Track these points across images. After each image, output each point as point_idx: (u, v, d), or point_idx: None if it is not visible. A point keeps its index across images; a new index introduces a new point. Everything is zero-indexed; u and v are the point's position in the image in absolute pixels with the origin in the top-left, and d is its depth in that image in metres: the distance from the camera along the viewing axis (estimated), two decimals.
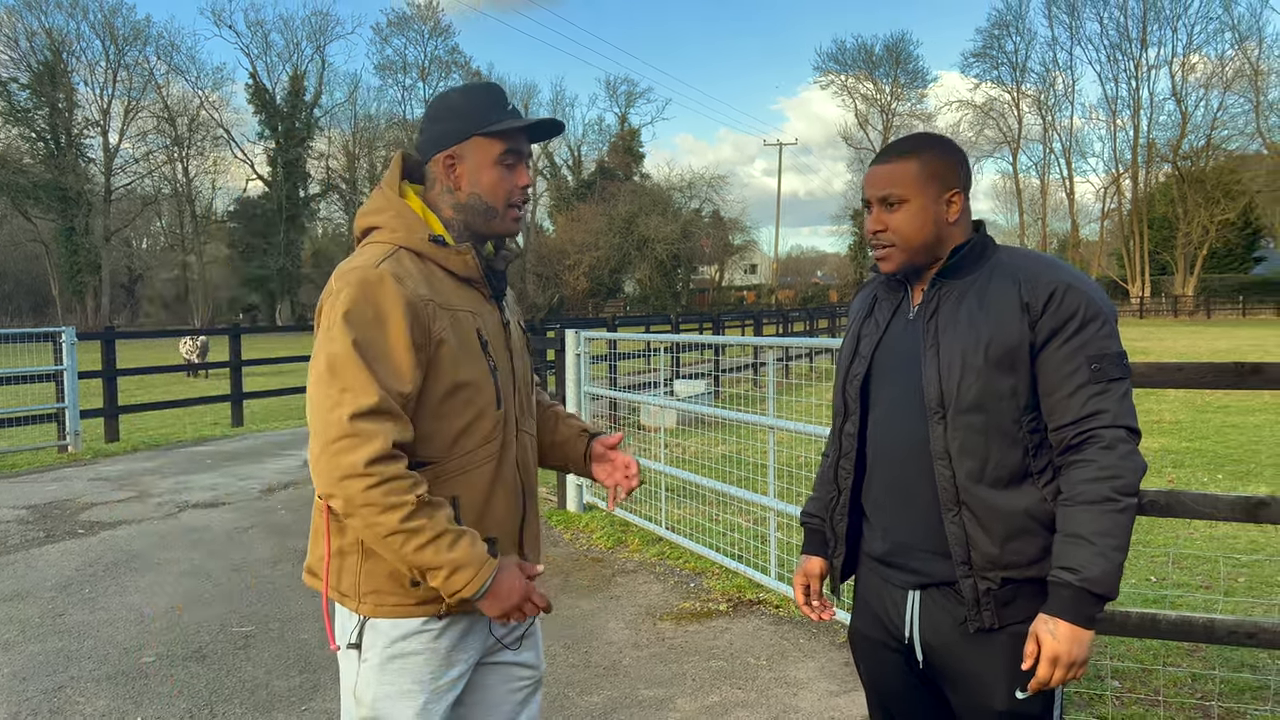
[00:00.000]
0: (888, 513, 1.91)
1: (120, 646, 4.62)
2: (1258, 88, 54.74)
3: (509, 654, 1.98)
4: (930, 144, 1.91)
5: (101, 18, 52.76)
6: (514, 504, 1.90)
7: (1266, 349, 23.67)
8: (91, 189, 52.35)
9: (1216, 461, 9.14)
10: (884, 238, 1.89)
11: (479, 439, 1.82)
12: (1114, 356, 1.76)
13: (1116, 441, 1.73)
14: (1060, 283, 1.77)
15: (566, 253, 58.93)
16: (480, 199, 1.87)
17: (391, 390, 1.69)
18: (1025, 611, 1.80)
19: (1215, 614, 3.76)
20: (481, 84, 1.93)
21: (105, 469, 9.70)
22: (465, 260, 1.84)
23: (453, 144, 1.86)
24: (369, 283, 1.71)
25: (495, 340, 1.88)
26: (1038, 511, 1.78)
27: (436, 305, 1.76)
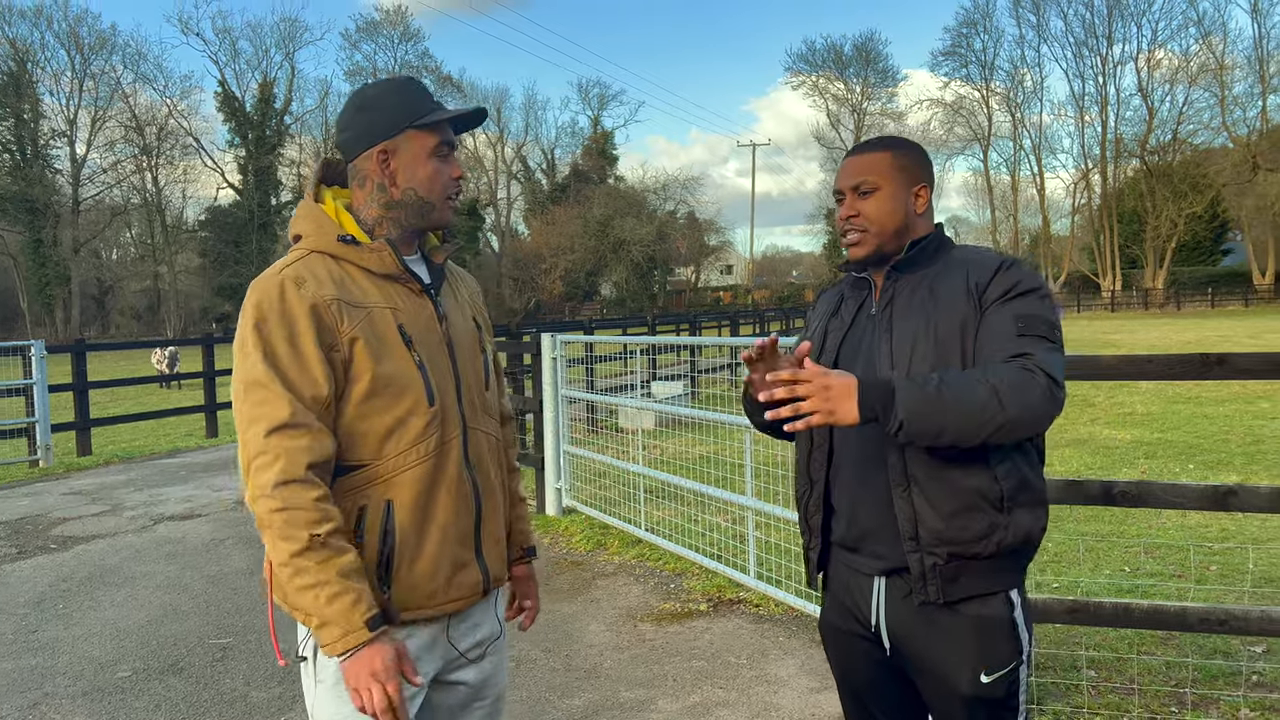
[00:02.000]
0: (852, 500, 1.95)
1: (96, 662, 4.58)
2: (1222, 82, 55.53)
3: (469, 671, 1.92)
4: (900, 142, 2.02)
5: (66, 27, 52.23)
6: (463, 505, 1.83)
7: (1235, 340, 24.00)
8: (59, 200, 51.74)
9: (1188, 452, 9.26)
10: (856, 223, 1.96)
11: (411, 438, 1.76)
12: (1043, 319, 1.79)
13: (1031, 372, 1.72)
14: (1006, 260, 1.87)
15: (542, 256, 58.87)
16: (416, 193, 1.82)
17: (306, 398, 1.66)
18: (972, 587, 1.84)
19: (1187, 602, 3.81)
20: (403, 77, 1.89)
21: (78, 483, 9.59)
22: (381, 257, 1.79)
23: (384, 138, 1.80)
24: (269, 291, 1.69)
25: (425, 335, 1.81)
26: (987, 490, 1.81)
27: (344, 304, 1.72)
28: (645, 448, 8.22)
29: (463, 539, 1.83)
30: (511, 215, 68.51)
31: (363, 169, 1.83)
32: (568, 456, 7.46)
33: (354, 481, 1.74)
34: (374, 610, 1.64)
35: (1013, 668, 1.86)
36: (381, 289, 1.79)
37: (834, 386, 1.68)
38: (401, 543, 1.75)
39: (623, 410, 10.81)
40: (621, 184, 65.40)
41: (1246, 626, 3.22)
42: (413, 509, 1.76)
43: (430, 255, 1.92)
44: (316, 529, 1.61)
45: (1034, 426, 1.73)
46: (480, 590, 1.88)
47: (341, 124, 1.87)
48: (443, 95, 61.87)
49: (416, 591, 1.77)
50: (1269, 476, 7.99)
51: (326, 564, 1.61)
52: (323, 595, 1.61)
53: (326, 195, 1.88)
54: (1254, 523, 6.29)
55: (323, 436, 1.67)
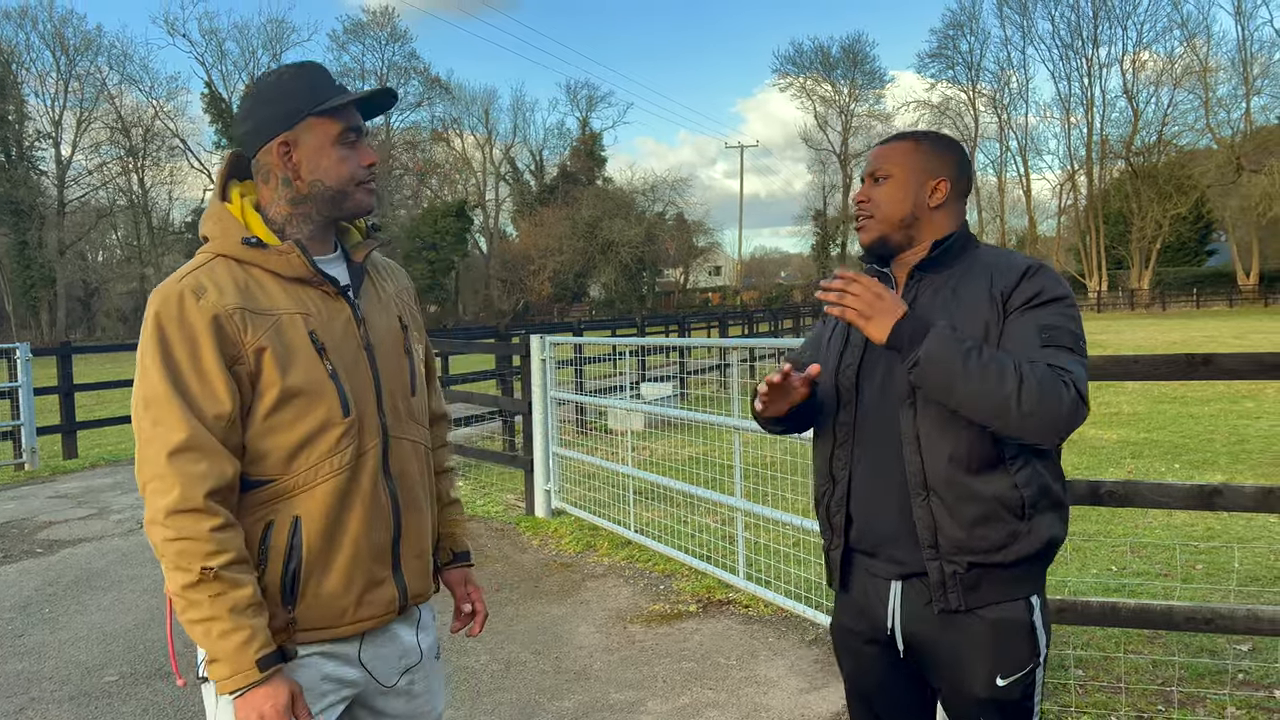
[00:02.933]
0: (871, 502, 1.92)
1: (83, 666, 4.55)
2: (1206, 84, 55.97)
3: (396, 702, 1.83)
4: (929, 135, 1.99)
5: (51, 28, 51.83)
6: (380, 520, 1.73)
7: (1220, 340, 24.15)
8: (44, 202, 51.36)
9: (1174, 451, 9.32)
10: (865, 208, 1.97)
11: (323, 451, 1.66)
12: (1067, 331, 1.78)
13: (1065, 383, 1.70)
14: (1032, 264, 1.84)
15: (530, 258, 58.77)
16: (324, 184, 1.71)
17: (207, 416, 1.58)
18: (993, 595, 1.82)
19: (1174, 601, 3.84)
20: (303, 63, 1.77)
21: (64, 486, 9.53)
22: (289, 260, 1.68)
23: (284, 129, 1.69)
24: (168, 303, 1.61)
25: (340, 341, 1.71)
26: (1007, 498, 1.79)
27: (248, 313, 1.63)
28: (635, 449, 8.23)
29: (378, 555, 1.74)
30: (500, 217, 68.44)
31: (265, 163, 1.73)
32: (557, 458, 7.46)
33: (260, 497, 1.65)
34: (267, 649, 1.57)
35: (1029, 670, 1.85)
36: (291, 294, 1.69)
37: (885, 298, 1.74)
38: (309, 561, 1.66)
39: (612, 412, 10.81)
40: (610, 185, 65.38)
41: (1232, 625, 3.24)
42: (322, 525, 1.67)
43: (351, 253, 1.82)
44: (209, 562, 1.54)
45: (1045, 433, 1.71)
46: (395, 608, 1.78)
47: (239, 117, 1.77)
48: (430, 96, 61.86)
49: (324, 610, 1.68)
50: (1254, 476, 8.04)
51: (219, 599, 1.54)
52: (214, 631, 1.55)
53: (234, 192, 1.77)
54: (1239, 522, 6.33)
55: (222, 460, 1.59)
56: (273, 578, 1.65)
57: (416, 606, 1.89)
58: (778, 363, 9.64)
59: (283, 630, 1.65)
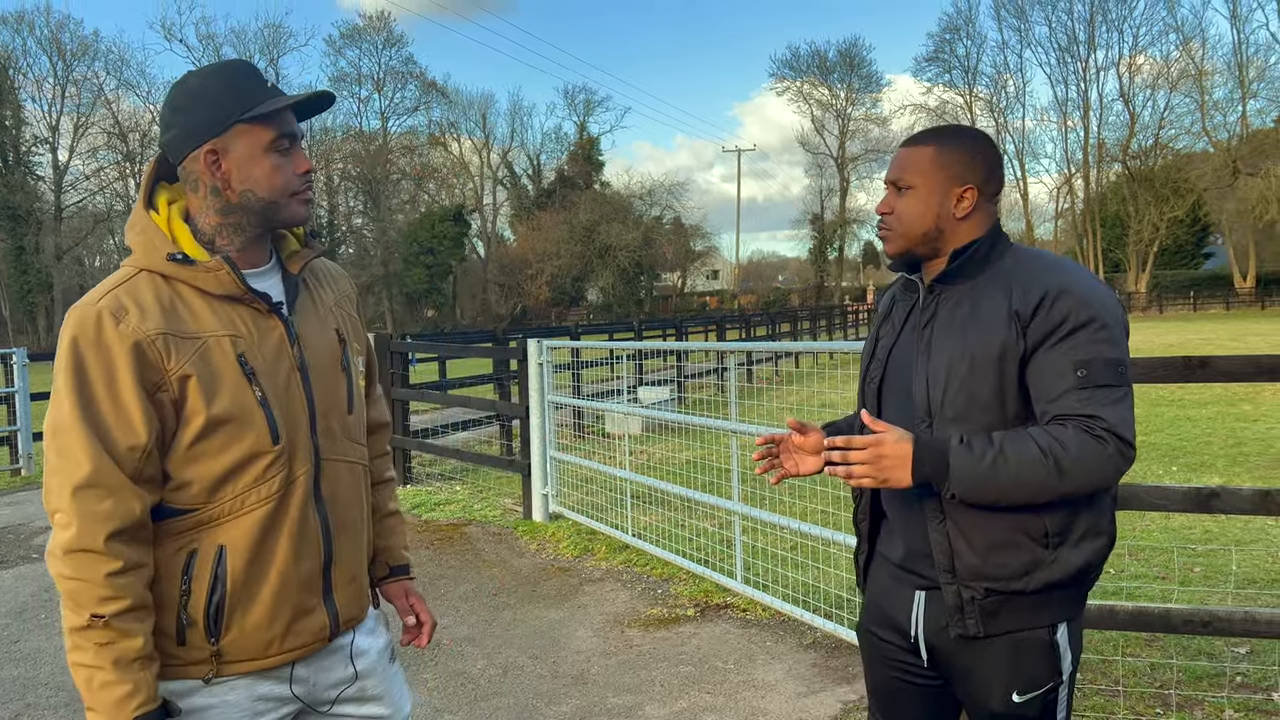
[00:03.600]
0: (898, 518, 1.91)
1: None
2: (1202, 87, 56.04)
3: (348, 707, 1.78)
4: (955, 134, 1.87)
5: (48, 33, 51.78)
6: (308, 547, 1.66)
7: (1217, 342, 24.18)
8: (41, 207, 51.34)
9: (1171, 454, 9.32)
10: (888, 220, 1.88)
11: (249, 480, 1.59)
12: (1105, 362, 1.67)
13: (1102, 440, 1.65)
14: (1052, 286, 1.71)
15: (528, 262, 58.78)
16: (255, 195, 1.61)
17: (119, 449, 1.50)
18: (1013, 622, 1.77)
19: (1172, 604, 3.83)
20: (231, 61, 1.66)
21: None
22: (218, 277, 1.58)
23: (211, 136, 1.58)
24: (85, 325, 1.51)
25: (271, 364, 1.62)
26: (1028, 525, 1.72)
27: (171, 338, 1.53)
28: (632, 453, 8.23)
29: (307, 583, 1.66)
30: (497, 221, 68.45)
31: (192, 172, 1.62)
32: (554, 462, 7.45)
33: (183, 524, 1.57)
34: (148, 707, 1.49)
35: (1049, 689, 1.80)
36: (219, 313, 1.59)
37: (887, 455, 1.69)
38: (234, 592, 1.59)
39: (609, 416, 10.80)
40: (607, 190, 65.42)
41: (1230, 628, 3.25)
42: (248, 555, 1.59)
43: (286, 263, 1.73)
44: (101, 609, 1.47)
45: (1097, 489, 1.70)
46: (325, 635, 1.71)
47: (164, 121, 1.63)
48: (427, 101, 61.89)
49: (250, 641, 1.62)
50: (1251, 478, 8.05)
51: (105, 649, 1.47)
52: (95, 680, 1.48)
53: (161, 200, 1.66)
54: (1237, 524, 6.33)
55: (130, 497, 1.50)
56: (196, 609, 1.58)
57: (350, 630, 1.80)
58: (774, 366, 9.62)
59: (208, 661, 1.60)
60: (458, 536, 7.00)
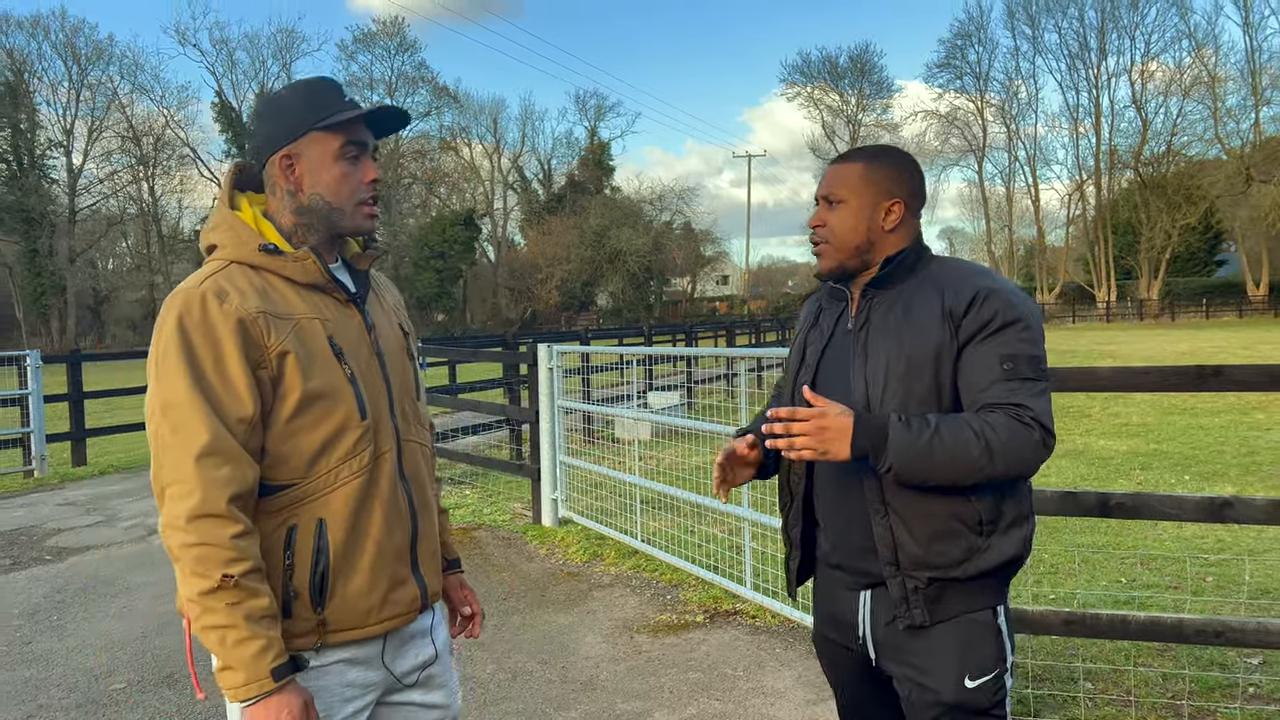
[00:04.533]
0: (833, 517, 1.96)
1: (90, 674, 4.56)
2: (1215, 94, 55.79)
3: (415, 693, 1.87)
4: (881, 153, 1.97)
5: (63, 37, 52.11)
6: (398, 521, 1.77)
7: (1229, 350, 24.05)
8: (55, 210, 51.61)
9: (1183, 463, 9.27)
10: (820, 233, 1.96)
11: (342, 454, 1.69)
12: (1028, 358, 1.79)
13: (1029, 426, 1.74)
14: (982, 288, 1.82)
15: (538, 266, 58.86)
16: (323, 199, 1.74)
17: (230, 419, 1.59)
18: (956, 608, 1.85)
19: (1184, 614, 3.81)
20: (313, 78, 1.80)
21: (73, 493, 9.56)
22: (305, 266, 1.72)
23: (287, 142, 1.73)
24: (190, 306, 1.61)
25: (355, 346, 1.75)
26: (963, 513, 1.81)
27: (270, 316, 1.65)
28: (641, 458, 8.23)
29: (399, 555, 1.78)
30: (508, 225, 68.57)
31: (271, 175, 1.77)
32: (564, 467, 7.45)
33: (282, 501, 1.66)
34: (282, 658, 1.57)
35: (997, 674, 1.86)
36: (307, 300, 1.72)
37: (829, 428, 1.74)
38: (335, 562, 1.68)
39: (619, 421, 10.80)
40: (618, 195, 65.48)
41: (1243, 638, 3.23)
42: (346, 527, 1.69)
43: (354, 263, 1.86)
44: (230, 569, 1.54)
45: (1019, 476, 1.79)
46: (418, 606, 1.82)
47: (250, 130, 1.81)
48: (439, 105, 62.07)
49: (352, 610, 1.71)
50: (1264, 488, 8.00)
51: (236, 607, 1.54)
52: (229, 639, 1.54)
53: (243, 202, 1.80)
54: (1250, 534, 6.30)
55: (245, 465, 1.59)
56: (301, 581, 1.66)
57: (431, 606, 1.91)
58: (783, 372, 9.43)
59: (315, 631, 1.68)
60: (467, 541, 7.00)
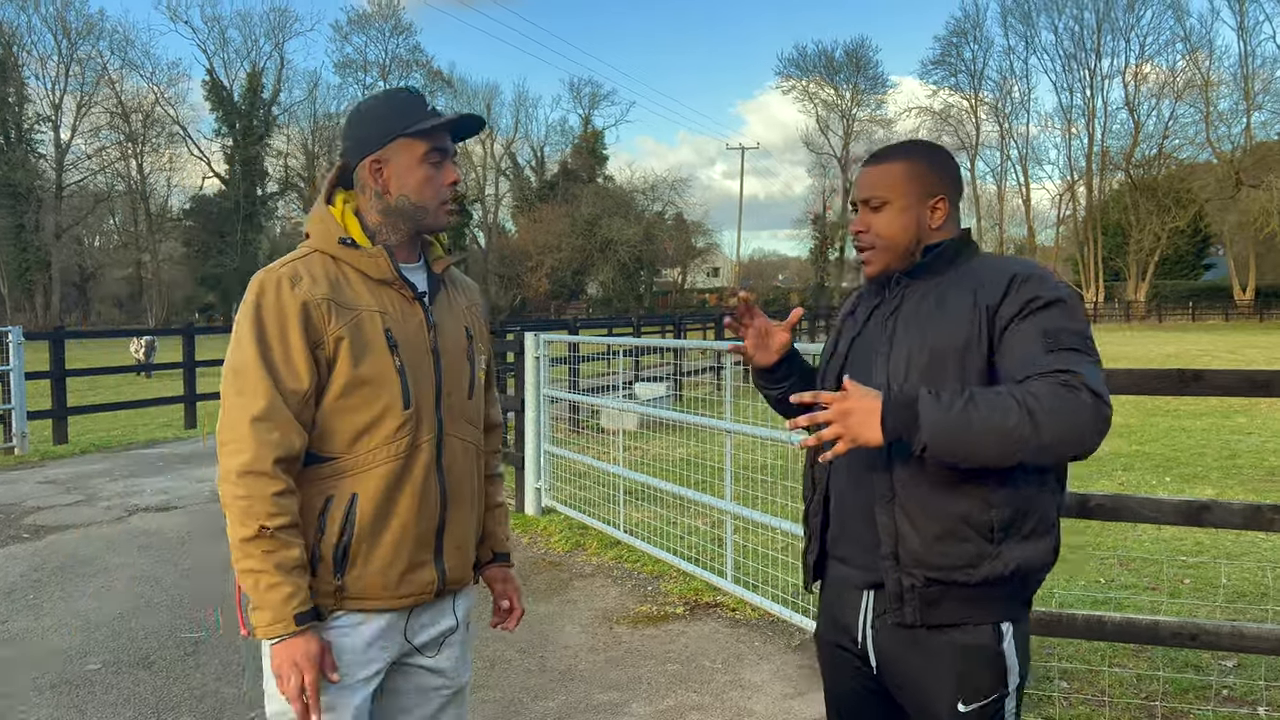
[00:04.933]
0: (847, 508, 1.89)
1: (65, 654, 4.53)
2: (1208, 98, 55.96)
3: (425, 658, 1.99)
4: (918, 149, 1.91)
5: (53, 11, 51.64)
6: (427, 509, 1.90)
7: (1214, 354, 24.20)
8: (42, 185, 51.23)
9: (1165, 465, 9.33)
10: (865, 239, 1.89)
11: (382, 437, 1.84)
12: (1073, 331, 1.67)
13: (1075, 389, 1.59)
14: (1019, 272, 1.75)
15: (529, 254, 58.75)
16: (408, 200, 1.90)
17: (287, 390, 1.77)
18: (955, 615, 1.76)
19: (1160, 616, 3.84)
20: (400, 89, 1.97)
21: (53, 471, 9.50)
22: (377, 262, 1.88)
23: (377, 148, 1.89)
24: (266, 286, 1.81)
25: (412, 341, 1.89)
26: (975, 518, 1.72)
27: (335, 304, 1.82)
28: (626, 449, 8.22)
29: (422, 540, 1.90)
30: (499, 212, 68.38)
31: (361, 177, 1.92)
32: (548, 456, 7.45)
33: (324, 472, 1.83)
34: (305, 606, 1.76)
35: (995, 699, 1.78)
36: (375, 293, 1.88)
37: (854, 412, 1.62)
38: (359, 535, 1.83)
39: (605, 411, 10.79)
40: (610, 184, 65.34)
41: (1218, 641, 3.25)
42: (375, 504, 1.84)
43: (431, 264, 2.00)
44: (268, 522, 1.72)
45: (1077, 448, 1.60)
46: (433, 590, 1.94)
47: (343, 135, 1.98)
48: (432, 90, 61.75)
49: (369, 583, 1.85)
50: (1244, 491, 8.05)
51: (270, 555, 1.73)
52: (261, 583, 1.73)
53: (339, 198, 1.97)
54: (1228, 537, 6.33)
55: (293, 432, 1.77)
56: (327, 546, 1.82)
57: (454, 593, 2.03)
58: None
59: (331, 595, 1.83)
60: None
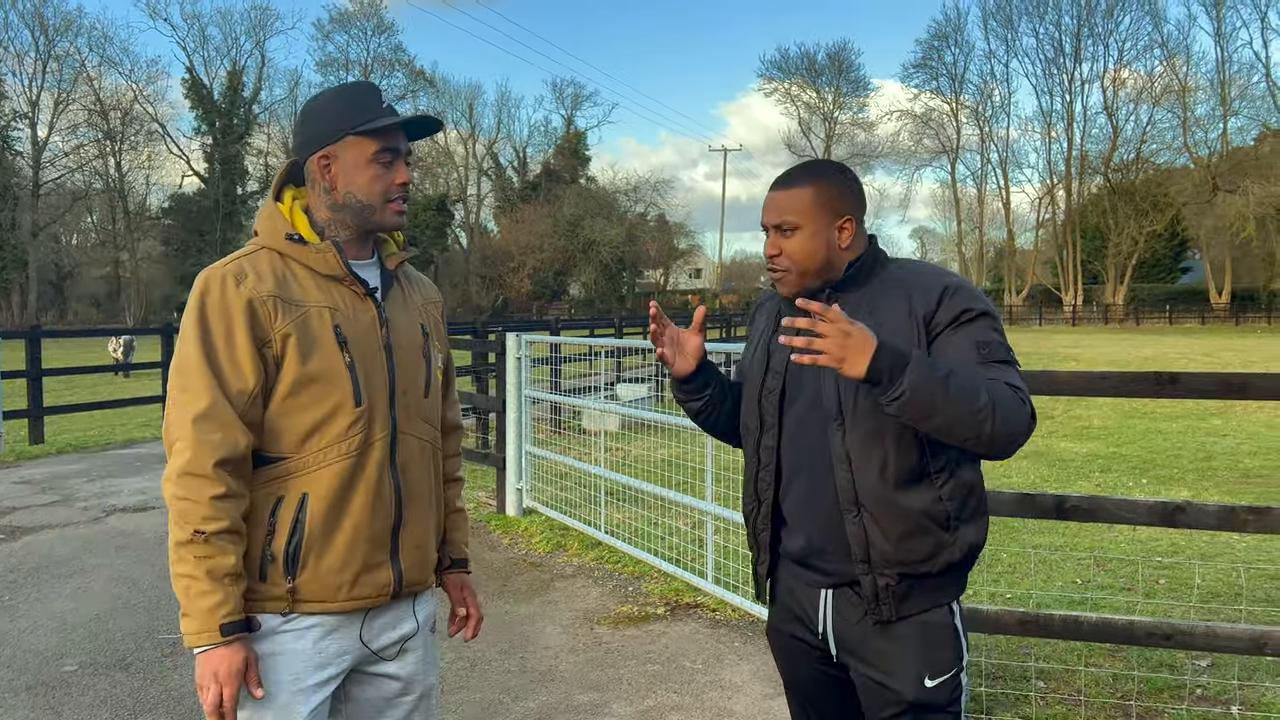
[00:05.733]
0: (803, 517, 1.97)
1: (41, 655, 4.49)
2: (1185, 104, 56.59)
3: (386, 664, 1.95)
4: (825, 171, 1.96)
5: (31, 7, 51.15)
6: (381, 508, 1.86)
7: (1191, 357, 24.44)
8: (19, 182, 50.70)
9: (1142, 466, 9.42)
10: (779, 262, 1.96)
11: (333, 435, 1.81)
12: (1000, 344, 1.84)
13: (1022, 400, 1.78)
14: (950, 284, 1.87)
15: (511, 254, 58.63)
16: (355, 197, 1.86)
17: (231, 390, 1.74)
18: (922, 603, 1.89)
19: (1136, 616, 3.87)
20: (355, 83, 1.93)
21: (29, 472, 9.41)
22: (325, 258, 1.85)
23: (326, 144, 1.86)
24: (210, 284, 1.78)
25: (363, 337, 1.86)
26: (933, 511, 1.85)
27: (281, 301, 1.79)
28: (608, 450, 8.22)
29: (377, 540, 1.86)
30: (481, 212, 68.20)
31: (310, 172, 1.89)
32: (530, 457, 7.44)
33: (275, 472, 1.79)
34: (234, 616, 1.70)
35: (954, 673, 1.91)
36: (324, 289, 1.85)
37: (854, 336, 1.67)
38: (310, 536, 1.79)
39: (587, 412, 10.79)
40: (592, 185, 65.31)
41: (1192, 641, 3.28)
42: (327, 505, 1.80)
43: (384, 260, 1.97)
44: (204, 526, 1.68)
45: (1006, 448, 1.77)
46: (389, 592, 1.89)
47: (294, 129, 1.96)
48: (414, 89, 61.56)
49: (322, 585, 1.81)
50: (1219, 493, 8.14)
51: (202, 561, 1.68)
52: (192, 589, 1.69)
53: (287, 195, 1.94)
54: (1202, 538, 6.41)
55: (238, 432, 1.73)
56: (278, 548, 1.78)
57: (413, 595, 1.98)
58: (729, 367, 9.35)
59: (284, 597, 1.79)
60: None
